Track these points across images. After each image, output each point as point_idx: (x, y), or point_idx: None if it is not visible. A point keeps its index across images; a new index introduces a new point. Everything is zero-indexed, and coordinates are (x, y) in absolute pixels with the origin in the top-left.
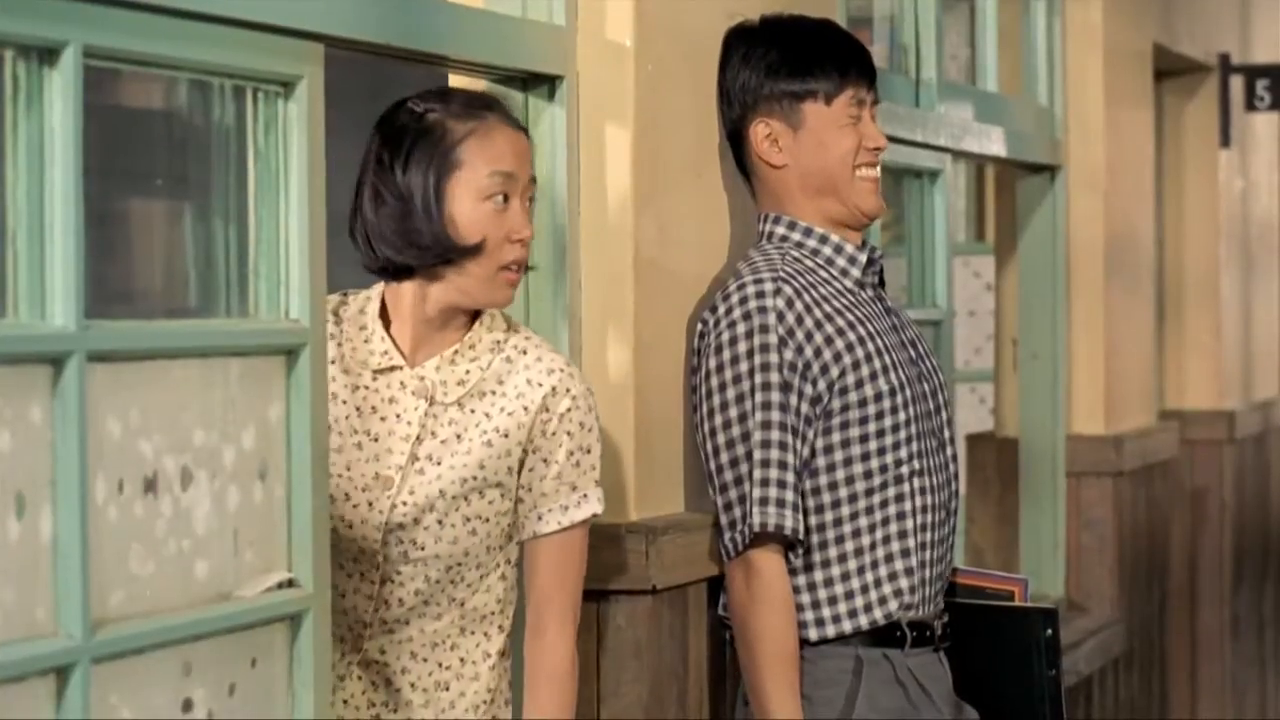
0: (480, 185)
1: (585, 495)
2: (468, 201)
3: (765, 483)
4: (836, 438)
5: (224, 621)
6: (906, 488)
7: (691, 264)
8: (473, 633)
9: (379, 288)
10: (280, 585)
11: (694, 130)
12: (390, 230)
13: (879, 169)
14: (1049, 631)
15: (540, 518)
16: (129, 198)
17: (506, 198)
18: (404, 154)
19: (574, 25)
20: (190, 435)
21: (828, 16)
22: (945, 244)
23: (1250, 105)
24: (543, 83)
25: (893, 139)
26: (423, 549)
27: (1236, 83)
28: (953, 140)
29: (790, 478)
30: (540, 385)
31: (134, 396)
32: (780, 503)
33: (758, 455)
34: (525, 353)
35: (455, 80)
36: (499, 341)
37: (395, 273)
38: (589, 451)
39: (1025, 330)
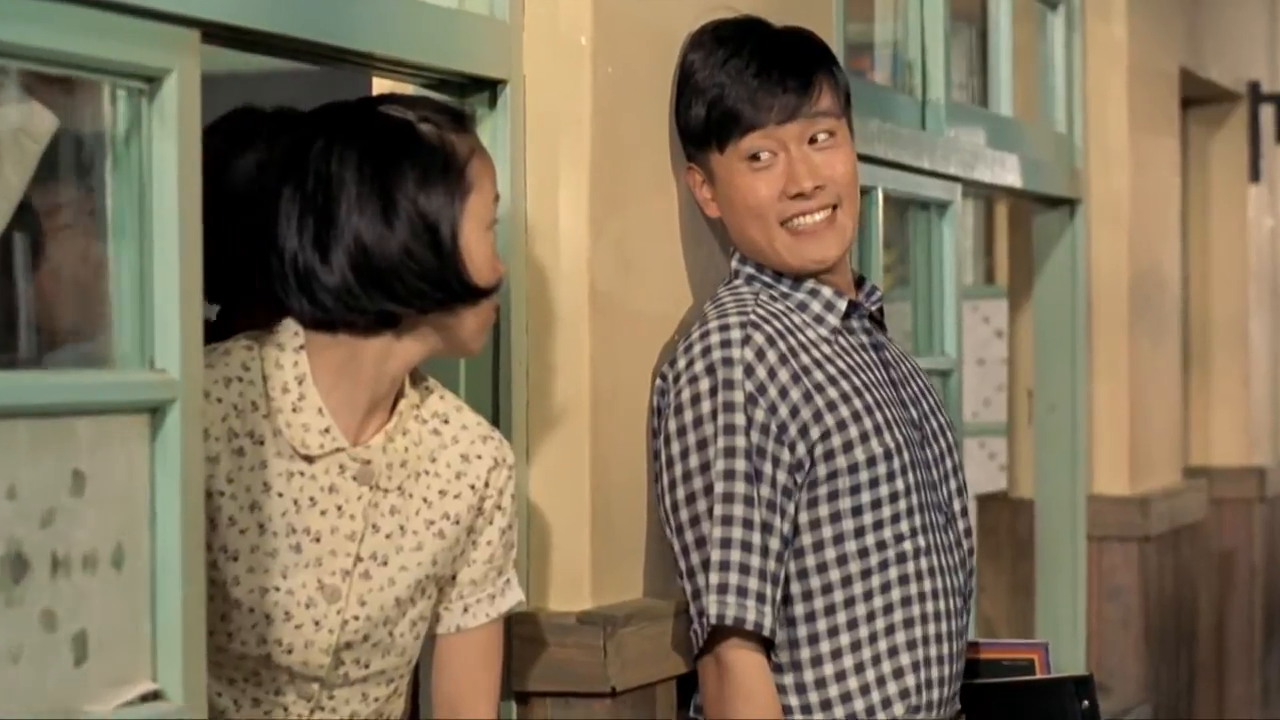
0: (485, 213)
1: (509, 581)
2: (475, 232)
3: (725, 567)
4: (824, 511)
5: None
6: (910, 568)
7: (659, 301)
8: None
9: (290, 339)
10: (143, 698)
11: (663, 144)
12: (405, 265)
13: (833, 209)
14: (1085, 702)
15: (466, 609)
16: None
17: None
18: (417, 171)
19: (520, 20)
20: (24, 514)
21: (822, 36)
22: (954, 283)
23: None
24: (483, 87)
25: (897, 165)
26: (367, 667)
27: (1267, 113)
28: (963, 168)
29: (756, 561)
30: (480, 458)
31: None
32: (742, 591)
33: (717, 534)
34: (447, 420)
35: (379, 85)
36: (417, 406)
37: (376, 323)
38: (512, 528)
39: (1041, 380)
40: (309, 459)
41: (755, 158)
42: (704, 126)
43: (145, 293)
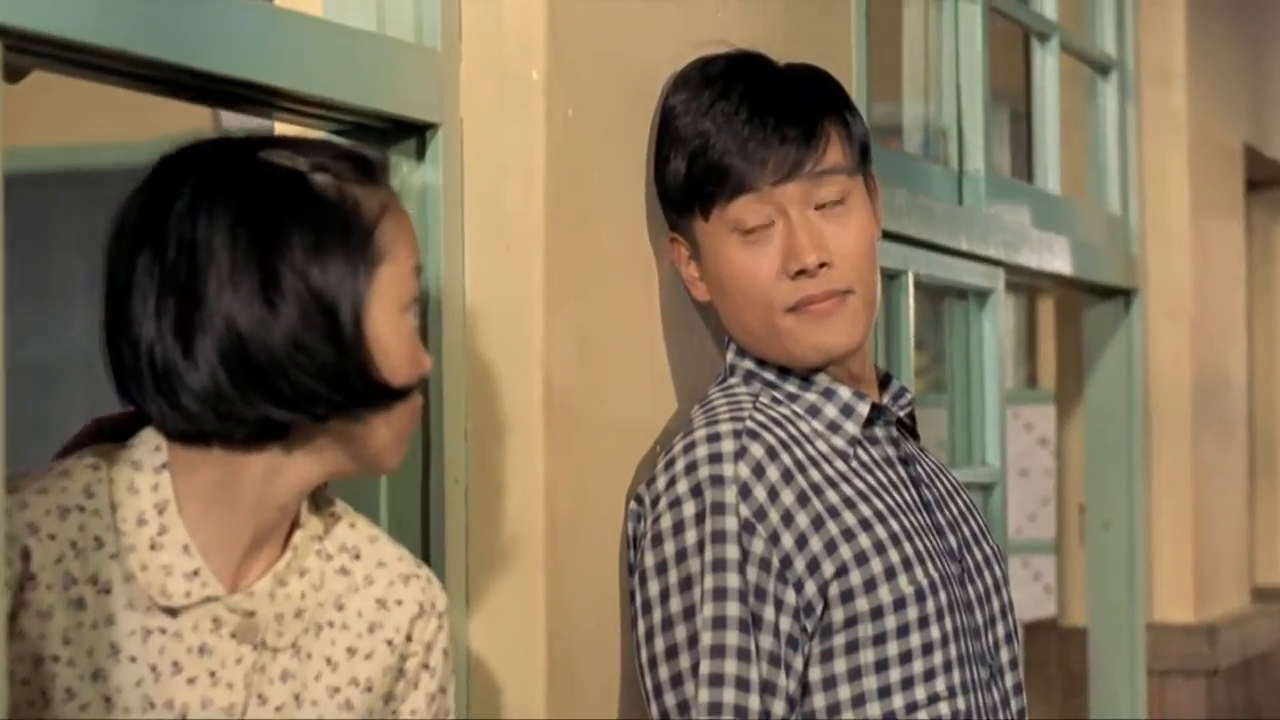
0: (401, 289)
1: None
2: (387, 314)
3: None
4: (841, 666)
5: None
6: None
7: (633, 404)
8: None
9: (149, 456)
10: None
11: (638, 207)
12: (292, 359)
13: (844, 295)
14: None
15: None
16: None
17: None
18: (308, 235)
19: (456, 49)
20: None
21: (838, 75)
22: (997, 383)
23: None
24: (409, 133)
25: (929, 246)
26: None
27: None
28: (1006, 251)
29: None
30: (400, 603)
31: None
32: None
33: (705, 698)
34: (359, 555)
35: (280, 129)
36: (319, 538)
37: (258, 435)
38: (446, 692)
39: (1094, 494)
40: (172, 611)
41: (747, 232)
42: (684, 186)
43: None
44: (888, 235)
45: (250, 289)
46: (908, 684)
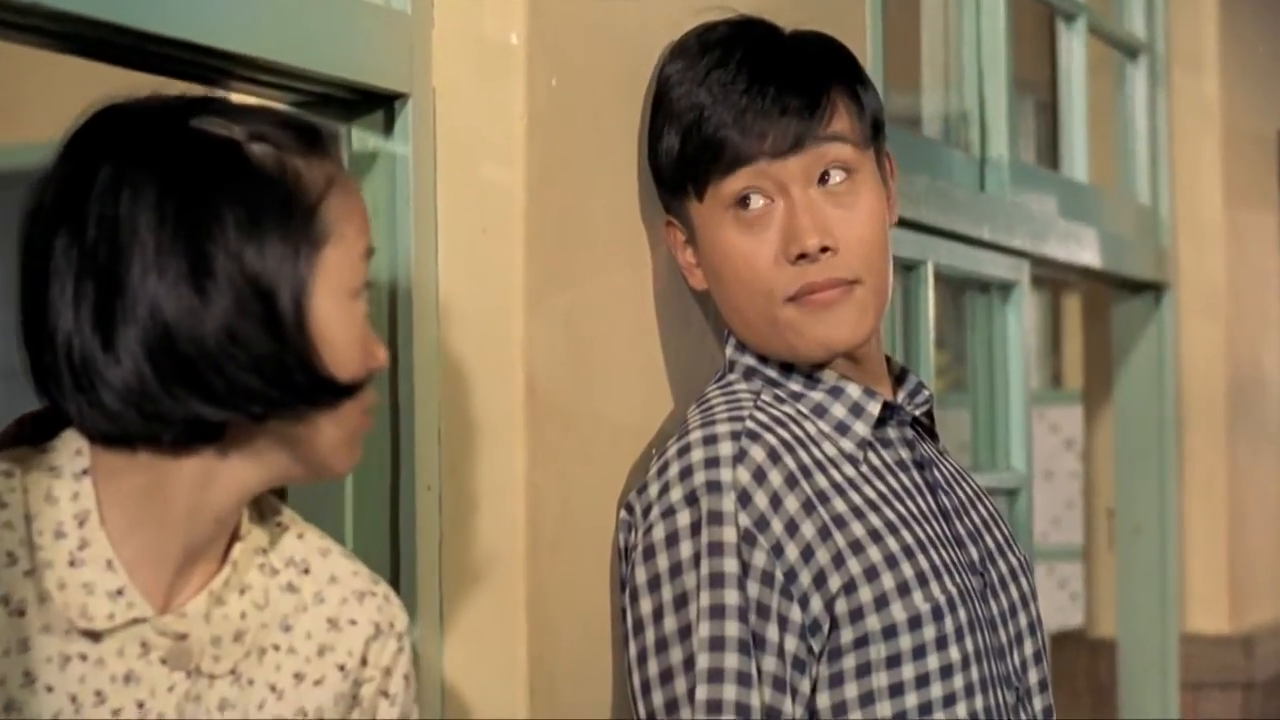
0: (349, 273)
1: None
2: (333, 301)
3: None
4: (852, 692)
5: None
6: None
7: (624, 404)
8: None
9: (70, 461)
10: None
11: (630, 187)
12: (225, 351)
13: (850, 285)
14: None
15: None
16: None
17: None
18: (243, 212)
19: (429, 12)
20: None
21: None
22: (1022, 381)
23: None
24: (375, 105)
25: (950, 235)
26: None
27: None
28: (1032, 241)
29: None
30: (354, 623)
31: None
32: None
33: None
34: (308, 569)
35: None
36: (263, 551)
37: (188, 436)
38: None
39: (1124, 498)
40: (94, 635)
41: (744, 203)
42: (678, 163)
43: None
44: (905, 223)
45: (178, 273)
46: (925, 710)
